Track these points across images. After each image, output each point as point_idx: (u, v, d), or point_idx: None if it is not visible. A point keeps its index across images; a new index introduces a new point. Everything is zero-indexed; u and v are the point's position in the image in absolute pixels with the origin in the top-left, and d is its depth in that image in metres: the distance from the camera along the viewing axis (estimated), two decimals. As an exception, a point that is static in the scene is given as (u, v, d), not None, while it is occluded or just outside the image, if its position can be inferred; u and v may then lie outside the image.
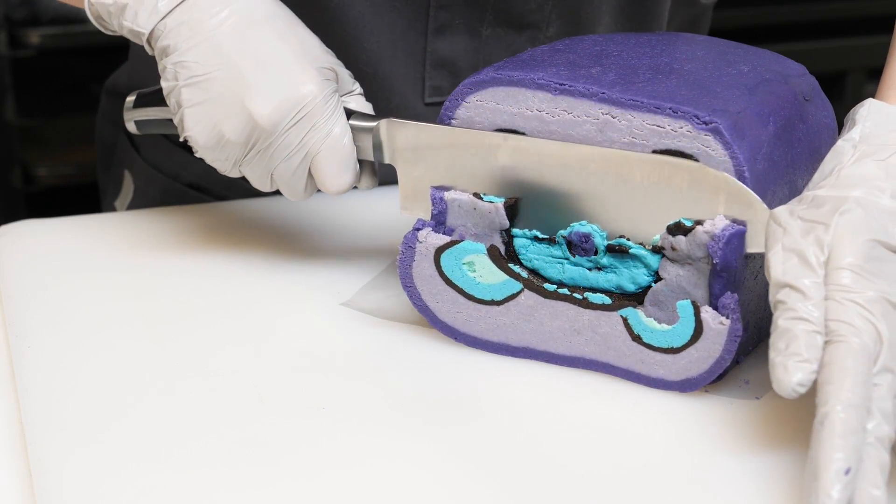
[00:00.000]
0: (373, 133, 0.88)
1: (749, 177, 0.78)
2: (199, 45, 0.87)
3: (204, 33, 0.87)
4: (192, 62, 0.87)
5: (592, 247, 0.82)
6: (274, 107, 0.85)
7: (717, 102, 0.79)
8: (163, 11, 0.87)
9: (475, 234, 0.85)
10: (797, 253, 0.72)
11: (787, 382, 0.69)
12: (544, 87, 0.82)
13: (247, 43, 0.87)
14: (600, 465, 0.74)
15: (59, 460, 0.74)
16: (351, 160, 0.88)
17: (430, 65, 1.06)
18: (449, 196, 0.85)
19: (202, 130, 0.88)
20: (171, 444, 0.75)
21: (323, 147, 0.87)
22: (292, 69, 0.86)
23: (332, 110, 0.87)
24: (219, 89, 0.86)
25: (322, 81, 0.87)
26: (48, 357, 0.85)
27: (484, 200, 0.84)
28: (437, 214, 0.85)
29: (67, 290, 0.93)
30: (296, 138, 0.86)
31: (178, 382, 0.82)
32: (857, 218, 0.73)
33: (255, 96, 0.86)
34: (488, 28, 1.05)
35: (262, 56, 0.86)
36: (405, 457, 0.74)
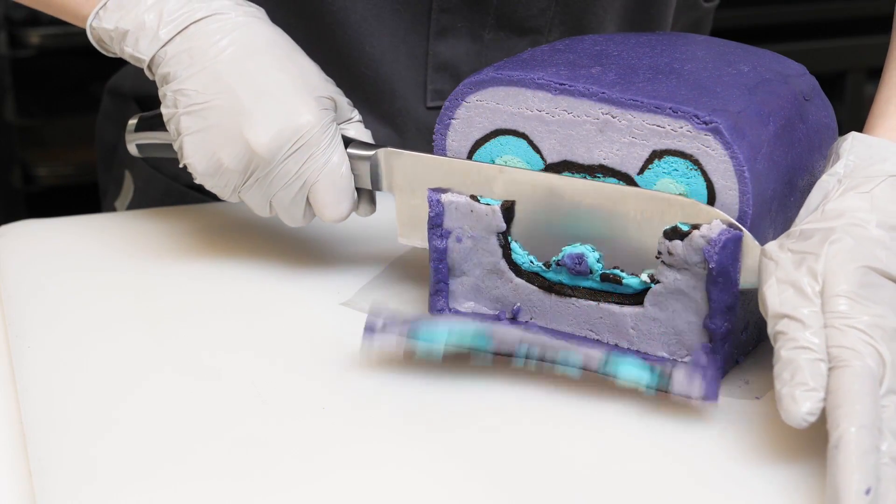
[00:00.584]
0: (370, 162, 0.89)
1: (749, 176, 0.78)
2: (199, 74, 0.87)
3: (204, 62, 0.87)
4: (191, 90, 0.87)
5: (586, 268, 0.82)
6: (272, 136, 0.86)
7: (717, 102, 0.79)
8: (163, 39, 0.88)
9: (472, 236, 0.85)
10: (791, 284, 0.73)
11: (797, 413, 0.69)
12: (544, 86, 0.82)
13: (246, 72, 0.87)
14: (600, 462, 0.74)
15: (59, 460, 0.74)
16: (348, 189, 0.89)
17: (431, 68, 1.06)
18: (446, 198, 0.85)
19: (201, 158, 0.88)
20: (171, 444, 0.75)
21: (321, 176, 0.88)
22: (290, 99, 0.87)
23: (329, 139, 0.88)
24: (218, 118, 0.87)
25: (320, 111, 0.87)
26: (48, 357, 0.85)
27: (481, 203, 0.84)
28: (434, 217, 0.85)
29: (67, 290, 0.93)
30: (294, 167, 0.87)
31: (178, 382, 0.82)
32: (846, 246, 0.73)
33: (254, 125, 0.86)
34: (490, 32, 1.05)
35: (260, 85, 0.87)
36: (405, 458, 0.74)
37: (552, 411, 0.79)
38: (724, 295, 0.78)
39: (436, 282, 0.87)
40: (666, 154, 0.80)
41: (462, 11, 1.04)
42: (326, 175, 0.88)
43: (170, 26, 0.88)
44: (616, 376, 0.77)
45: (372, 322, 0.80)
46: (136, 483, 0.72)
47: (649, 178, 0.80)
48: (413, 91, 1.07)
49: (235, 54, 0.87)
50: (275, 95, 0.87)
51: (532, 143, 0.84)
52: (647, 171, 0.80)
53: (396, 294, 0.92)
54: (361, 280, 0.93)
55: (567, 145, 0.83)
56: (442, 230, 0.86)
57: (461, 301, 0.87)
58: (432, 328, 0.80)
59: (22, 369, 0.83)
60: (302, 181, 0.88)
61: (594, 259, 0.82)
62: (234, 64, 0.87)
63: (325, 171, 0.87)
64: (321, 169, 0.87)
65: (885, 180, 0.77)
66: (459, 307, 0.87)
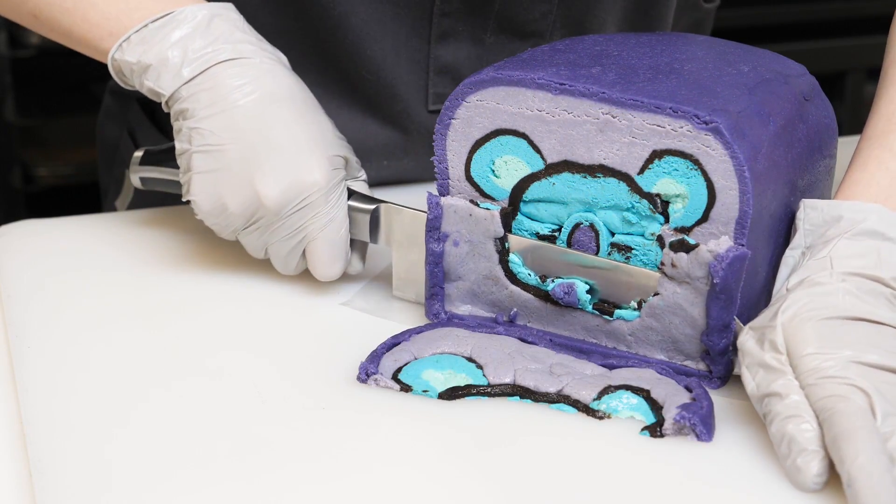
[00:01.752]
0: (370, 216, 0.90)
1: (749, 176, 0.78)
2: (217, 116, 0.87)
3: (223, 105, 0.88)
4: (207, 130, 0.88)
5: (575, 299, 0.83)
6: (281, 190, 0.87)
7: (717, 102, 0.79)
8: (186, 77, 0.88)
9: (469, 240, 0.85)
10: (759, 365, 0.75)
11: (807, 479, 0.71)
12: (545, 86, 0.82)
13: (264, 121, 0.87)
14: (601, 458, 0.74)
15: (59, 460, 0.74)
16: (343, 249, 0.90)
17: (433, 72, 1.06)
18: (445, 201, 0.85)
19: (207, 198, 0.88)
20: (171, 444, 0.75)
21: (320, 235, 0.88)
22: (304, 155, 0.87)
23: (335, 200, 0.88)
24: (229, 162, 0.87)
25: (331, 171, 0.88)
26: (48, 357, 0.85)
27: (480, 207, 0.84)
28: (433, 220, 0.85)
29: (67, 289, 0.93)
30: (297, 222, 0.88)
31: (178, 382, 0.82)
32: (799, 309, 0.76)
33: (265, 177, 0.87)
34: (492, 36, 1.05)
35: (276, 137, 0.87)
36: (407, 458, 0.74)
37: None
38: (723, 313, 0.78)
39: (431, 286, 0.87)
40: (666, 154, 0.80)
41: (463, 15, 1.04)
42: (325, 235, 0.88)
43: (194, 65, 0.88)
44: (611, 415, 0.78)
45: (361, 376, 0.81)
46: (137, 483, 0.72)
47: (649, 178, 0.80)
48: (415, 94, 1.06)
49: (255, 101, 0.88)
50: (289, 150, 0.87)
51: (532, 143, 0.84)
52: (648, 170, 0.80)
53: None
54: (361, 280, 0.93)
55: (567, 145, 0.83)
56: (439, 233, 0.86)
57: (457, 304, 0.87)
58: (418, 373, 0.81)
59: (22, 369, 0.83)
60: (302, 236, 0.88)
61: (583, 290, 0.82)
62: (252, 111, 0.87)
63: (325, 230, 0.88)
64: (322, 227, 0.88)
65: (839, 239, 0.79)
66: (456, 310, 0.87)
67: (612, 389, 0.78)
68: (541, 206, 0.85)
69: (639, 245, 0.82)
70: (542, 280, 0.84)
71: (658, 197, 0.81)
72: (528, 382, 0.79)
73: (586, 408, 0.78)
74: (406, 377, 0.80)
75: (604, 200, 0.82)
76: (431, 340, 0.83)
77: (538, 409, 0.78)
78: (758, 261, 0.81)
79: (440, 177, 0.87)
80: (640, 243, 0.82)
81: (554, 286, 0.83)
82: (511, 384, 0.80)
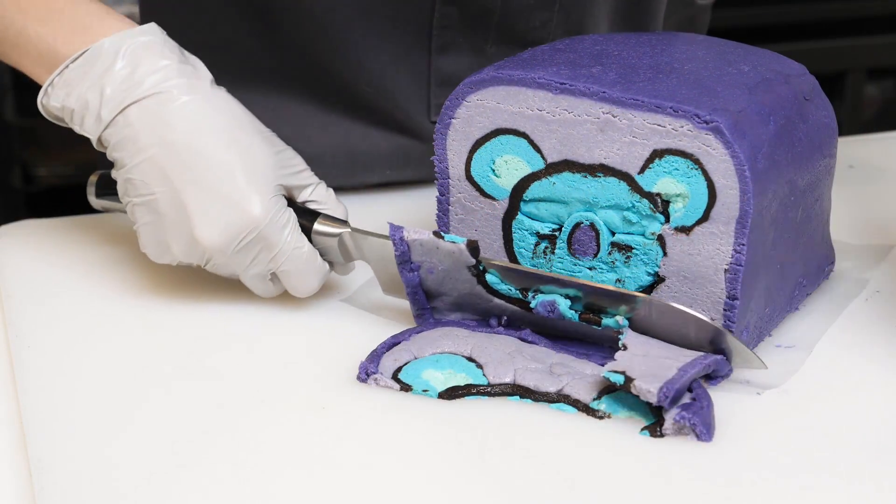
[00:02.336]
0: (338, 241, 0.87)
1: (750, 176, 0.78)
2: (142, 164, 0.85)
3: (146, 151, 0.85)
4: (138, 181, 0.85)
5: (559, 315, 0.82)
6: (219, 232, 0.84)
7: (717, 102, 0.79)
8: (105, 120, 0.86)
9: (443, 268, 0.84)
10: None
11: None
12: (545, 86, 0.82)
13: (188, 162, 0.84)
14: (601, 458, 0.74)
15: (59, 460, 0.74)
16: (312, 266, 0.87)
17: (434, 83, 1.05)
18: (409, 237, 0.84)
19: (154, 249, 0.87)
20: (171, 443, 0.75)
21: (282, 262, 0.86)
22: (238, 190, 0.84)
23: (282, 226, 0.85)
24: (164, 211, 0.85)
25: (271, 200, 0.85)
26: (48, 357, 0.85)
27: (445, 240, 0.83)
28: (401, 255, 0.84)
29: (67, 289, 0.93)
30: (248, 258, 0.86)
31: (178, 382, 0.81)
32: None
33: (199, 221, 0.84)
34: (492, 46, 1.05)
35: (203, 176, 0.84)
36: (405, 457, 0.74)
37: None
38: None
39: (416, 309, 0.86)
40: (667, 153, 0.80)
41: (463, 27, 1.03)
42: (287, 260, 0.86)
43: (110, 105, 0.85)
44: (611, 414, 0.77)
45: (361, 376, 0.80)
46: (137, 483, 0.72)
47: (650, 178, 0.80)
48: (416, 105, 1.06)
49: (177, 144, 0.84)
50: (220, 188, 0.84)
51: (532, 143, 0.84)
52: (648, 170, 0.80)
53: (397, 294, 0.92)
54: (362, 277, 0.93)
55: (568, 145, 0.82)
56: (411, 265, 0.85)
57: (447, 314, 0.86)
58: (418, 373, 0.80)
59: (22, 369, 0.83)
60: (261, 266, 0.86)
61: (566, 306, 0.82)
62: (175, 155, 0.84)
63: (283, 257, 0.86)
64: (278, 255, 0.86)
65: None
66: (445, 318, 0.86)
67: (612, 389, 0.78)
68: (541, 205, 0.85)
69: (639, 244, 0.82)
70: (524, 294, 0.83)
71: (658, 196, 0.81)
72: (529, 382, 0.79)
73: (586, 407, 0.78)
74: (406, 376, 0.80)
75: (604, 200, 0.82)
76: (432, 340, 0.83)
77: (538, 408, 0.78)
78: (758, 261, 0.81)
79: (440, 176, 0.87)
80: (640, 243, 0.82)
81: (536, 304, 0.82)
82: (511, 384, 0.79)
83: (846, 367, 0.83)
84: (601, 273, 0.84)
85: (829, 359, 0.84)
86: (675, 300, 0.82)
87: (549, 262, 0.85)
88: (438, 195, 0.88)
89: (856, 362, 0.84)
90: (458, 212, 0.87)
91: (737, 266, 0.80)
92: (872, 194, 1.08)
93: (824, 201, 0.89)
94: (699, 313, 0.79)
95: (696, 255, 0.81)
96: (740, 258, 0.79)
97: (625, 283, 0.83)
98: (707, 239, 0.80)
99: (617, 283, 0.83)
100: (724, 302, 0.81)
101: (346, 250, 0.88)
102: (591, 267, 0.84)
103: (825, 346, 0.85)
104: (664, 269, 0.82)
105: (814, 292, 0.91)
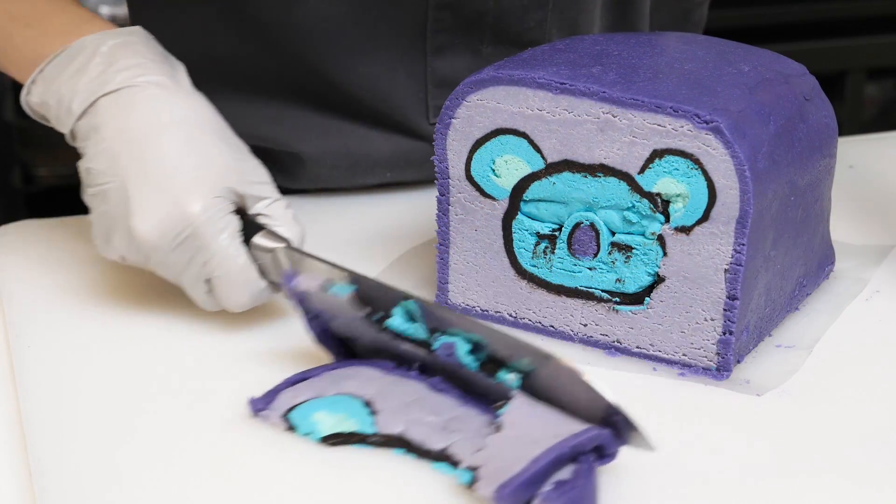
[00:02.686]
0: (272, 257, 0.84)
1: (750, 176, 0.78)
2: (101, 154, 0.85)
3: (107, 142, 0.84)
4: (95, 170, 0.85)
5: (456, 360, 0.74)
6: (153, 225, 0.82)
7: (717, 101, 0.79)
8: (76, 113, 0.86)
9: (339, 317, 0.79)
10: None
11: None
12: (545, 86, 0.82)
13: (140, 155, 0.83)
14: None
15: (59, 460, 0.74)
16: (244, 279, 0.84)
17: (431, 85, 1.05)
18: (298, 287, 0.80)
19: (100, 241, 0.86)
20: (171, 443, 0.75)
21: (215, 268, 0.83)
22: (181, 186, 0.82)
23: (220, 230, 0.83)
24: (112, 201, 0.84)
25: (212, 199, 0.83)
26: (48, 357, 0.85)
27: (329, 293, 0.79)
28: (296, 304, 0.80)
29: (67, 289, 0.93)
30: (183, 258, 0.83)
31: (178, 382, 0.81)
32: None
33: (136, 213, 0.83)
34: (488, 46, 1.05)
35: (152, 169, 0.83)
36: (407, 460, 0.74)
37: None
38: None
39: (334, 356, 0.81)
40: (667, 153, 0.80)
41: (458, 29, 1.03)
42: (221, 267, 0.83)
43: (79, 99, 0.85)
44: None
45: (252, 411, 0.76)
46: (138, 483, 0.72)
47: (650, 178, 0.80)
48: (414, 107, 1.06)
49: (135, 134, 0.84)
50: (164, 182, 0.82)
51: (532, 143, 0.84)
52: (648, 170, 0.80)
53: (397, 294, 0.92)
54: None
55: (568, 145, 0.83)
56: (313, 312, 0.80)
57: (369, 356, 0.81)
58: (309, 414, 0.75)
59: (22, 369, 0.83)
60: (195, 270, 0.84)
61: (465, 351, 0.74)
62: (131, 145, 0.83)
63: (217, 262, 0.83)
64: (212, 260, 0.83)
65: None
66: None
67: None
68: (541, 205, 0.85)
69: (639, 244, 0.82)
70: (431, 334, 0.76)
71: (658, 196, 0.81)
72: (416, 436, 0.73)
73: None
74: (295, 416, 0.76)
75: (604, 200, 0.82)
76: (338, 379, 0.77)
77: (417, 466, 0.73)
78: (758, 261, 0.81)
79: (440, 177, 0.87)
80: (640, 243, 0.82)
81: (437, 347, 0.75)
82: (397, 436, 0.74)
83: (846, 367, 0.83)
84: (601, 273, 0.84)
85: (829, 359, 0.84)
86: (676, 300, 0.82)
87: (549, 262, 0.85)
88: (438, 195, 0.88)
89: (856, 362, 0.84)
90: (458, 212, 0.88)
91: (737, 266, 0.80)
92: (872, 194, 1.08)
93: (824, 201, 0.89)
94: (594, 384, 0.69)
95: (696, 255, 0.81)
96: (740, 258, 0.79)
97: (625, 283, 0.83)
98: (707, 239, 0.80)
99: (617, 283, 0.84)
100: (724, 302, 0.81)
101: (283, 270, 0.84)
102: (591, 267, 0.84)
103: (825, 346, 0.85)
104: (664, 269, 0.82)
105: (814, 292, 0.92)
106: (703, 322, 0.82)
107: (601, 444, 0.69)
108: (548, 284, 0.86)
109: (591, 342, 0.85)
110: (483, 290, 0.88)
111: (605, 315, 0.85)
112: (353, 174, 1.07)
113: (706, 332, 0.82)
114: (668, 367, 0.83)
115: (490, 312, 0.88)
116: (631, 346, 0.84)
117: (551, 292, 0.86)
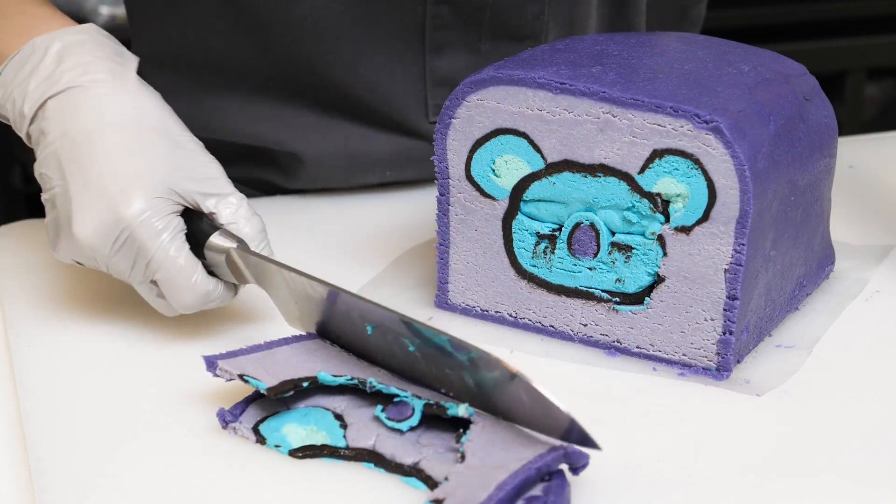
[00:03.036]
0: (225, 258, 0.83)
1: (750, 176, 0.78)
2: (48, 158, 0.85)
3: (51, 145, 0.84)
4: (45, 174, 0.85)
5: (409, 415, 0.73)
6: (92, 228, 0.82)
7: (717, 101, 0.79)
8: (27, 115, 0.86)
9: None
10: None
11: None
12: (545, 86, 0.82)
13: (81, 157, 0.83)
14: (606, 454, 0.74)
15: (59, 460, 0.74)
16: (186, 280, 0.82)
17: (431, 84, 1.05)
18: (219, 371, 0.77)
19: (54, 245, 0.86)
20: (171, 443, 0.75)
21: (157, 270, 0.82)
22: (121, 189, 0.82)
23: (159, 231, 0.82)
24: (58, 206, 0.84)
25: (152, 200, 0.82)
26: (48, 357, 0.85)
27: (246, 380, 0.75)
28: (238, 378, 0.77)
29: (67, 289, 0.93)
30: (126, 260, 0.83)
31: (178, 382, 0.81)
32: None
33: (77, 216, 0.82)
34: (486, 43, 1.05)
35: (91, 171, 0.82)
36: (406, 456, 0.74)
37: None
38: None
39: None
40: (667, 153, 0.80)
41: (456, 27, 1.03)
42: (161, 269, 0.82)
43: (30, 102, 0.85)
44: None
45: (221, 423, 0.76)
46: (138, 483, 0.72)
47: (650, 178, 0.80)
48: (414, 106, 1.06)
49: (76, 138, 0.83)
50: (102, 184, 0.82)
51: (532, 143, 0.84)
52: (648, 170, 0.80)
53: (397, 293, 0.92)
54: (361, 279, 0.93)
55: (568, 144, 0.83)
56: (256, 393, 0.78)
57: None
58: (279, 426, 0.75)
59: (22, 369, 0.83)
60: (140, 273, 0.83)
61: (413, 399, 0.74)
62: (72, 150, 0.83)
63: (160, 264, 0.82)
64: (153, 263, 0.82)
65: None
66: None
67: None
68: (541, 205, 0.85)
69: (639, 244, 0.82)
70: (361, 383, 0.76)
71: (658, 196, 0.81)
72: (386, 450, 0.73)
73: (436, 486, 0.70)
74: (266, 429, 0.75)
75: (604, 200, 0.82)
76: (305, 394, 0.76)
77: (388, 480, 0.72)
78: (758, 261, 0.81)
79: (440, 176, 0.87)
80: (640, 243, 0.82)
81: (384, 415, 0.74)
82: (367, 450, 0.73)
83: (846, 367, 0.83)
84: (601, 273, 0.84)
85: (829, 359, 0.84)
86: (676, 300, 0.82)
87: (550, 262, 0.85)
88: (438, 195, 0.88)
89: (856, 362, 0.84)
90: (458, 212, 0.88)
91: (737, 266, 0.80)
92: (872, 194, 1.08)
93: (824, 201, 0.89)
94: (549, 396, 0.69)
95: (696, 255, 0.81)
96: (740, 258, 0.79)
97: (625, 283, 0.83)
98: (707, 239, 0.80)
99: (617, 283, 0.84)
100: (724, 302, 0.81)
101: (238, 270, 0.83)
102: (591, 267, 0.84)
103: (825, 346, 0.85)
104: (664, 269, 0.82)
105: (814, 292, 0.92)
106: (703, 322, 0.82)
107: (568, 461, 0.69)
108: (548, 284, 0.86)
109: (591, 342, 0.85)
110: (483, 290, 0.88)
111: (605, 315, 0.85)
112: (352, 174, 1.07)
113: (706, 332, 0.82)
114: (668, 367, 0.83)
115: (490, 312, 0.88)
116: (631, 346, 0.84)
117: (551, 292, 0.86)
